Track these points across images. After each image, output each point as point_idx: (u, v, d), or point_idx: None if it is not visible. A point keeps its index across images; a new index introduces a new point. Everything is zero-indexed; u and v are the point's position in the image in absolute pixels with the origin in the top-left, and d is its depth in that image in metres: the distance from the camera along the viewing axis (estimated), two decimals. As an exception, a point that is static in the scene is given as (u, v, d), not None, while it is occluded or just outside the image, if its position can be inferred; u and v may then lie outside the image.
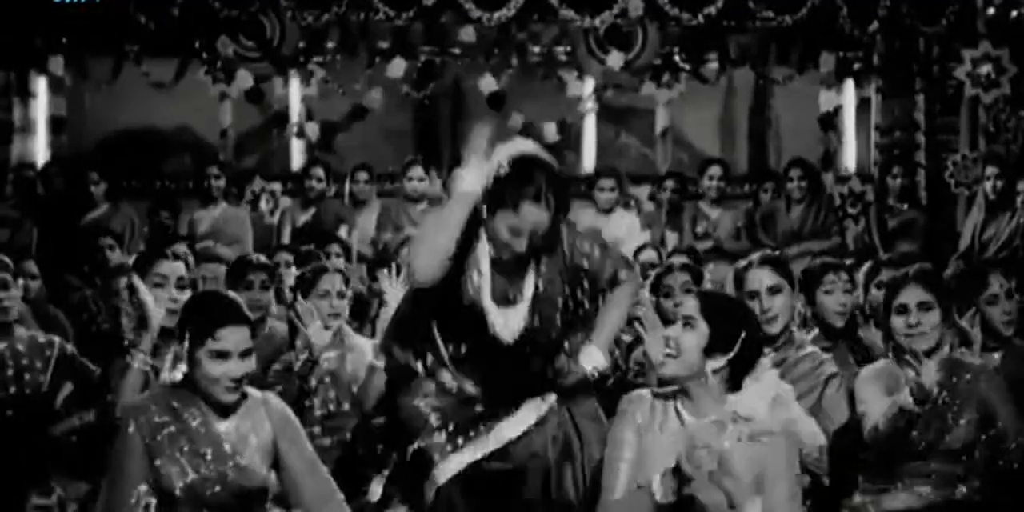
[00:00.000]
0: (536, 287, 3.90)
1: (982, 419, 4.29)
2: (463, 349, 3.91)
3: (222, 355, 3.70)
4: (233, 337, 3.71)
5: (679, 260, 5.55)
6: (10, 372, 4.82)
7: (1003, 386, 4.39)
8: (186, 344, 3.74)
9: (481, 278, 3.86)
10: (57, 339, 4.96)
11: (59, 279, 7.38)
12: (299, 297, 5.07)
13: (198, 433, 3.70)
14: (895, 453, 4.30)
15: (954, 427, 4.27)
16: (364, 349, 5.00)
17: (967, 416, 4.28)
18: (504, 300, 3.90)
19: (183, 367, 3.79)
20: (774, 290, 4.57)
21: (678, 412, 3.79)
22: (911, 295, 4.30)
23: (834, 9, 9.18)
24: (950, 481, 4.27)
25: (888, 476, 4.30)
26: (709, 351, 3.73)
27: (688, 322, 3.74)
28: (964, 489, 4.26)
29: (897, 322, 4.32)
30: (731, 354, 3.73)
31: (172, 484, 3.65)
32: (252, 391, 3.87)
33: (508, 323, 3.88)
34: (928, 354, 4.25)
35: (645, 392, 3.90)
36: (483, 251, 3.88)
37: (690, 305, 3.77)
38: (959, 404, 4.29)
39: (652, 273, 5.41)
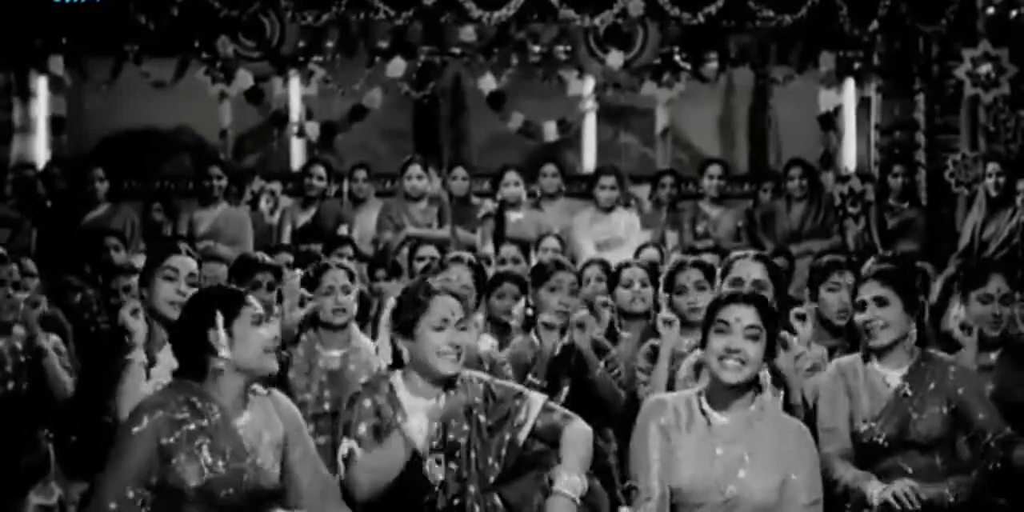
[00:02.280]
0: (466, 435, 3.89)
1: (953, 414, 4.28)
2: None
3: (258, 320, 3.75)
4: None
5: (692, 257, 5.55)
6: (9, 369, 4.83)
7: (976, 383, 4.39)
8: (222, 325, 3.72)
9: (411, 441, 3.83)
10: (54, 336, 4.96)
11: (59, 279, 7.38)
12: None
13: (217, 428, 3.65)
14: (859, 452, 4.32)
15: (917, 420, 4.28)
16: (369, 350, 4.98)
17: (932, 409, 4.28)
18: (432, 446, 3.88)
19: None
20: (757, 284, 4.60)
21: (704, 412, 3.84)
22: (868, 290, 4.35)
23: (834, 8, 9.19)
24: (933, 476, 4.25)
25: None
26: (767, 356, 3.84)
27: (752, 333, 3.77)
28: (952, 485, 4.25)
29: (858, 318, 4.38)
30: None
31: (185, 482, 3.57)
32: (257, 387, 3.83)
33: (440, 465, 3.86)
34: (888, 348, 4.32)
35: (665, 396, 3.96)
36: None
37: (748, 315, 3.79)
38: (922, 397, 4.30)
39: (663, 271, 5.43)
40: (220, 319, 3.71)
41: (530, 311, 5.26)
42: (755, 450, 3.77)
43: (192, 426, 3.63)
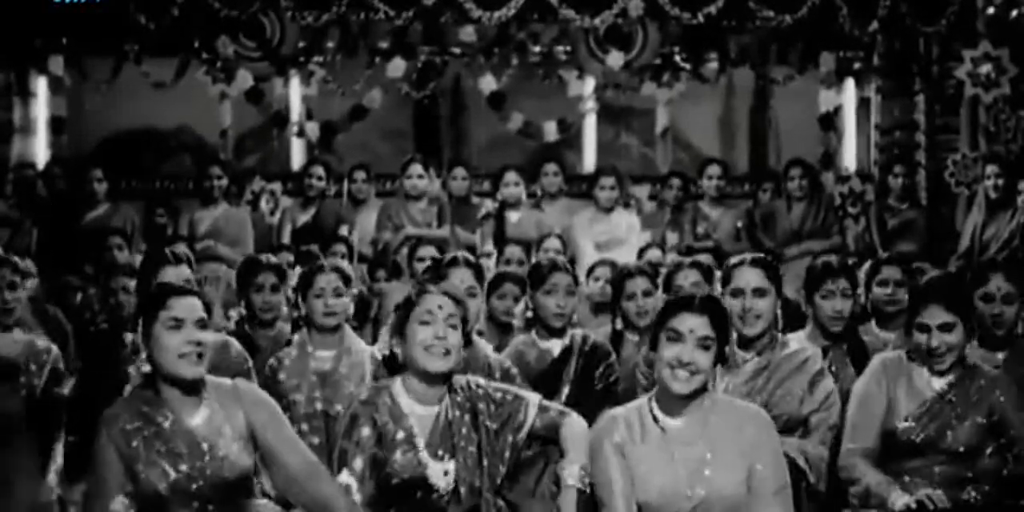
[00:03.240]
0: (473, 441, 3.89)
1: (992, 425, 4.31)
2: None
3: (176, 324, 3.71)
4: (184, 304, 3.75)
5: (689, 258, 5.53)
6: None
7: (1017, 394, 4.40)
8: (141, 329, 3.75)
9: (419, 453, 3.85)
10: (55, 348, 4.94)
11: (59, 279, 7.38)
12: (299, 297, 5.05)
13: (171, 432, 3.73)
14: (889, 449, 4.32)
15: (957, 427, 4.29)
16: (361, 352, 4.99)
17: (973, 419, 4.31)
18: (439, 455, 3.88)
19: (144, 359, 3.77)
20: (759, 292, 4.56)
21: (656, 418, 3.82)
22: (933, 316, 4.32)
23: (834, 9, 9.18)
24: (957, 484, 4.28)
25: (888, 475, 4.29)
26: (716, 362, 3.81)
27: (705, 344, 3.75)
28: (973, 492, 4.27)
29: (919, 338, 4.35)
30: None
31: (156, 486, 3.67)
32: (221, 380, 3.88)
33: (449, 475, 3.85)
34: (947, 371, 4.33)
35: (614, 411, 3.93)
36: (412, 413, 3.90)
37: (700, 325, 3.76)
38: (965, 406, 4.32)
39: (663, 271, 5.43)
40: (140, 322, 3.76)
41: (530, 313, 5.27)
42: (715, 447, 3.75)
43: (145, 433, 3.72)
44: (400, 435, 3.86)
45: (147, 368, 3.77)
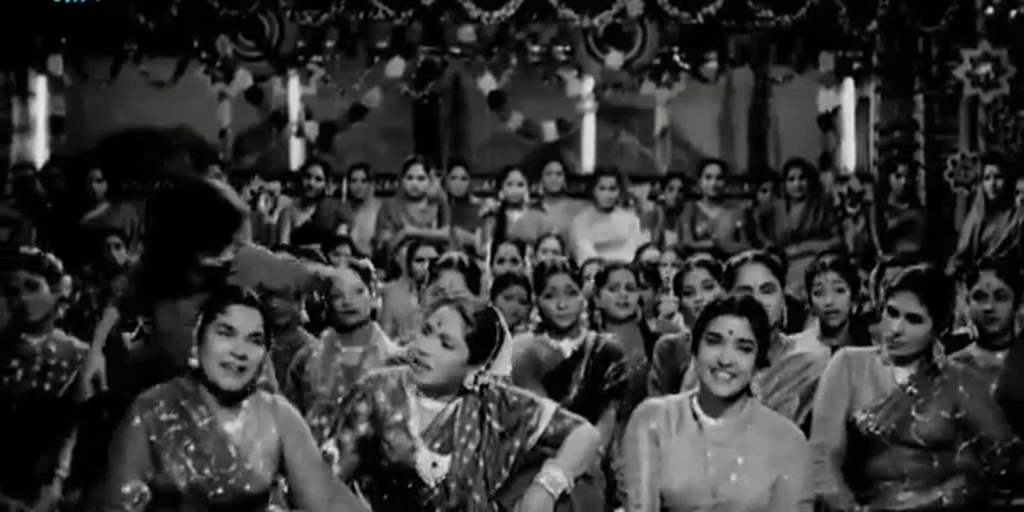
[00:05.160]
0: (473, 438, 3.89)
1: (957, 421, 4.28)
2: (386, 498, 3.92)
3: (229, 331, 3.66)
4: (241, 315, 3.68)
5: (697, 258, 5.53)
6: (37, 368, 4.85)
7: (985, 391, 4.39)
8: (198, 327, 3.70)
9: (412, 439, 3.87)
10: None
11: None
12: (322, 297, 5.11)
13: (204, 433, 3.67)
14: (854, 443, 4.32)
15: (918, 419, 4.27)
16: (388, 351, 5.04)
17: (934, 412, 4.28)
18: (434, 447, 3.89)
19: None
20: (767, 288, 4.62)
21: (695, 415, 3.85)
22: (905, 303, 4.28)
23: (833, 9, 9.20)
24: (928, 482, 4.28)
25: (858, 480, 4.30)
26: (757, 365, 3.83)
27: (744, 345, 3.78)
28: (949, 492, 4.27)
29: (886, 321, 4.33)
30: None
31: (175, 482, 3.62)
32: (262, 394, 3.84)
33: (438, 467, 3.86)
34: (905, 360, 4.31)
35: (656, 401, 3.96)
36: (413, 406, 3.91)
37: (740, 327, 3.77)
38: (927, 399, 4.29)
39: (670, 273, 5.42)
40: (200, 318, 3.71)
41: (538, 318, 5.26)
42: (747, 454, 3.78)
43: (178, 427, 3.66)
44: (397, 417, 3.88)
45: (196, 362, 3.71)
